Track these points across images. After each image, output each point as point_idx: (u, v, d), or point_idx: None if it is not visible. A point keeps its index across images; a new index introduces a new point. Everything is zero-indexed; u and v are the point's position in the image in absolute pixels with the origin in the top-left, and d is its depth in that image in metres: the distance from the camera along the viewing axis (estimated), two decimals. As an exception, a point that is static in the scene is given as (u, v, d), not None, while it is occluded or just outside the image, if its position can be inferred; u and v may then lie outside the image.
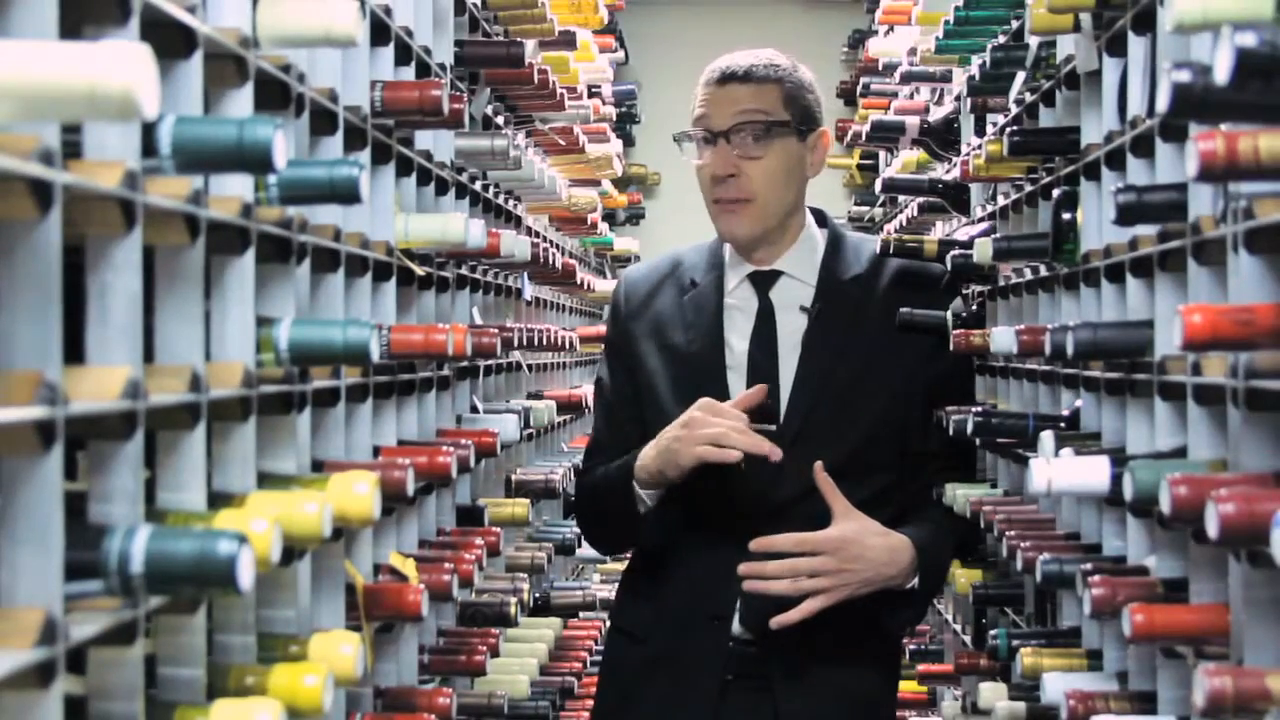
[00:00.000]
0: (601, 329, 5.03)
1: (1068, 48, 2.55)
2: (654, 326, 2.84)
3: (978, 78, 3.05)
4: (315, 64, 2.16)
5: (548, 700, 3.15)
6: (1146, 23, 2.18)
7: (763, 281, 2.80)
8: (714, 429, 2.58)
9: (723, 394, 2.73)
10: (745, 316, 2.79)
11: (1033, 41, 2.73)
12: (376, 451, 2.44)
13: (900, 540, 2.65)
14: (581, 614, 4.00)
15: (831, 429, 2.72)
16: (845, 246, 2.85)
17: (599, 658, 3.99)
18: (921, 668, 4.12)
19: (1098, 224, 2.41)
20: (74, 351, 1.51)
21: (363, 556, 2.35)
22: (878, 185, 4.45)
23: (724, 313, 2.79)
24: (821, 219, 2.88)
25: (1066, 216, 2.49)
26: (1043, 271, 2.72)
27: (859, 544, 2.59)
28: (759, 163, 2.72)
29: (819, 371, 2.73)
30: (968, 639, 3.64)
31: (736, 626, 2.72)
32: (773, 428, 2.72)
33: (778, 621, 2.58)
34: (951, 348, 2.73)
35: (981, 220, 3.39)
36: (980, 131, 3.42)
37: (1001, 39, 3.06)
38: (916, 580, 2.68)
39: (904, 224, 5.06)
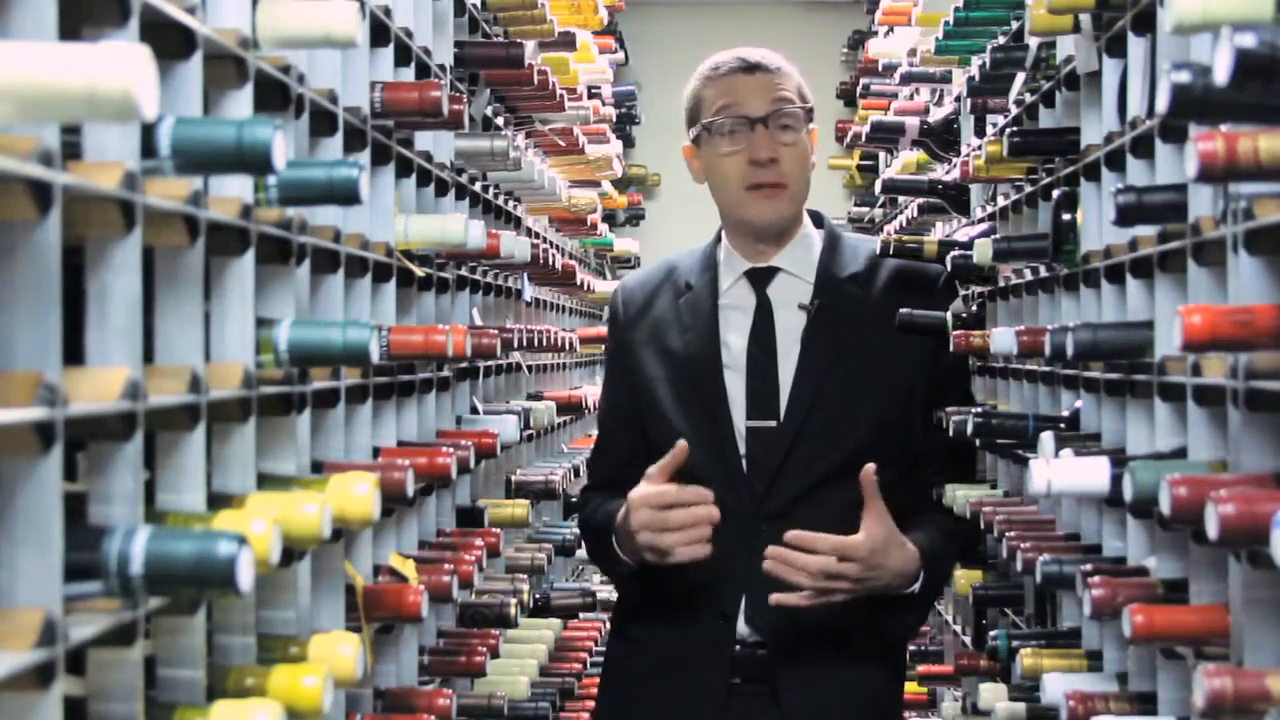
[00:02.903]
0: (601, 330, 5.05)
1: (1067, 48, 2.55)
2: (652, 332, 2.83)
3: (978, 78, 3.05)
4: (315, 65, 2.16)
5: (547, 701, 3.15)
6: (1146, 23, 2.18)
7: (760, 278, 2.79)
8: (669, 539, 2.56)
9: (721, 394, 2.73)
10: (742, 315, 2.79)
11: (1032, 42, 2.73)
12: (376, 452, 2.44)
13: (914, 552, 2.64)
14: (581, 615, 4.00)
15: (832, 427, 2.72)
16: (843, 246, 2.85)
17: (599, 659, 3.99)
18: (921, 668, 4.12)
19: (1097, 225, 2.41)
20: (74, 352, 1.51)
21: (362, 557, 2.35)
22: (878, 186, 4.45)
23: (719, 313, 2.79)
24: (818, 219, 2.88)
25: (1066, 217, 2.49)
26: (1043, 272, 2.72)
27: (885, 554, 2.57)
28: (793, 149, 2.75)
29: (819, 368, 2.73)
30: (968, 640, 3.64)
31: (742, 627, 2.71)
32: (773, 424, 2.72)
33: (777, 599, 2.56)
34: (952, 348, 2.73)
35: (981, 221, 3.39)
36: (980, 132, 3.42)
37: (1001, 40, 3.06)
38: (917, 586, 2.67)
39: (904, 225, 5.06)
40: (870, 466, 2.58)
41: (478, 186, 3.33)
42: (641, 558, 2.63)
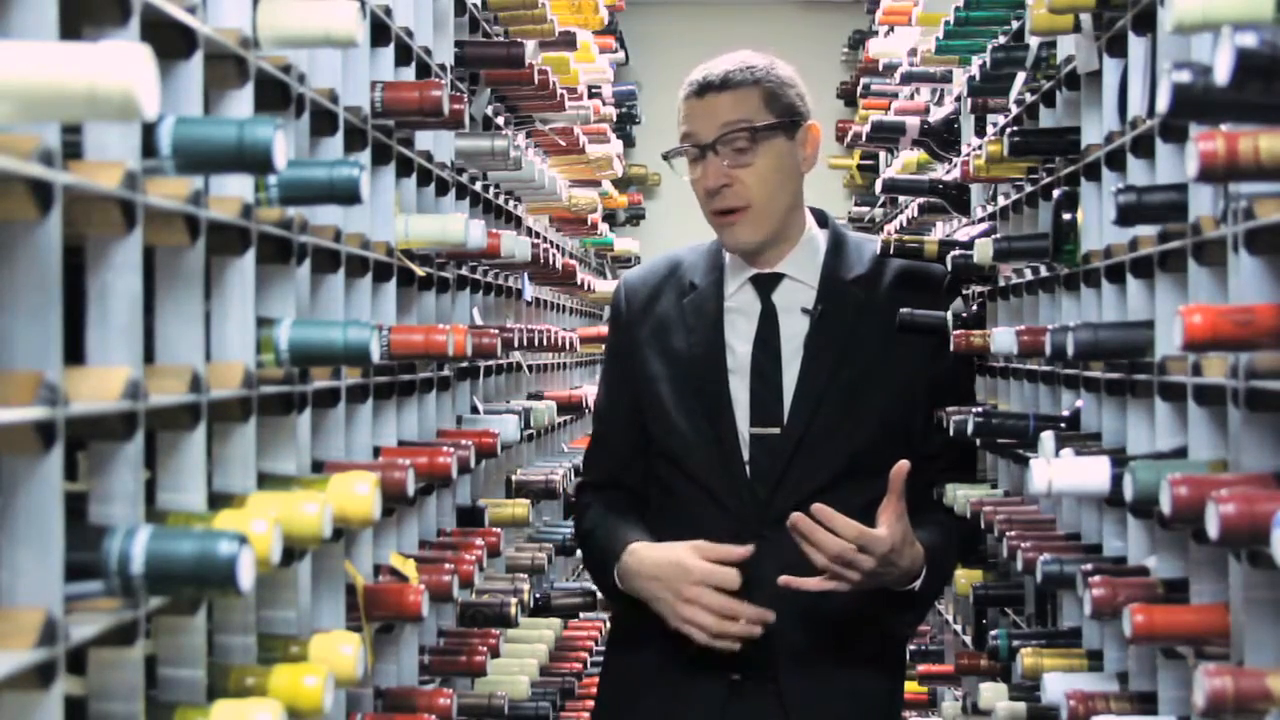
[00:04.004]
0: (602, 330, 5.05)
1: (1068, 48, 2.55)
2: (655, 330, 2.83)
3: (978, 78, 3.05)
4: (315, 64, 2.16)
5: (548, 701, 3.15)
6: (1146, 23, 2.18)
7: (765, 284, 2.79)
8: (699, 617, 2.61)
9: (724, 398, 2.72)
10: (746, 319, 2.78)
11: (1033, 42, 2.73)
12: (377, 452, 2.44)
13: (921, 551, 2.64)
14: (582, 614, 4.00)
15: (835, 432, 2.71)
16: (847, 247, 2.84)
17: (599, 659, 3.98)
18: (922, 668, 4.12)
19: (1098, 224, 2.41)
20: (74, 352, 1.51)
21: (363, 557, 2.35)
22: (878, 186, 4.45)
23: (724, 316, 2.78)
24: (823, 219, 2.87)
25: (1067, 217, 2.49)
26: (1043, 272, 2.72)
27: (898, 552, 2.57)
28: (750, 169, 2.71)
29: (822, 374, 2.72)
30: (968, 639, 3.64)
31: None
32: (776, 431, 2.72)
33: (785, 581, 2.56)
34: (952, 348, 2.73)
35: (982, 221, 3.39)
36: (980, 132, 3.42)
37: (1002, 39, 3.06)
38: (918, 584, 2.67)
39: (904, 225, 5.06)
40: (903, 464, 2.57)
41: (478, 186, 3.33)
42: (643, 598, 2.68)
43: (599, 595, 3.89)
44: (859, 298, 2.79)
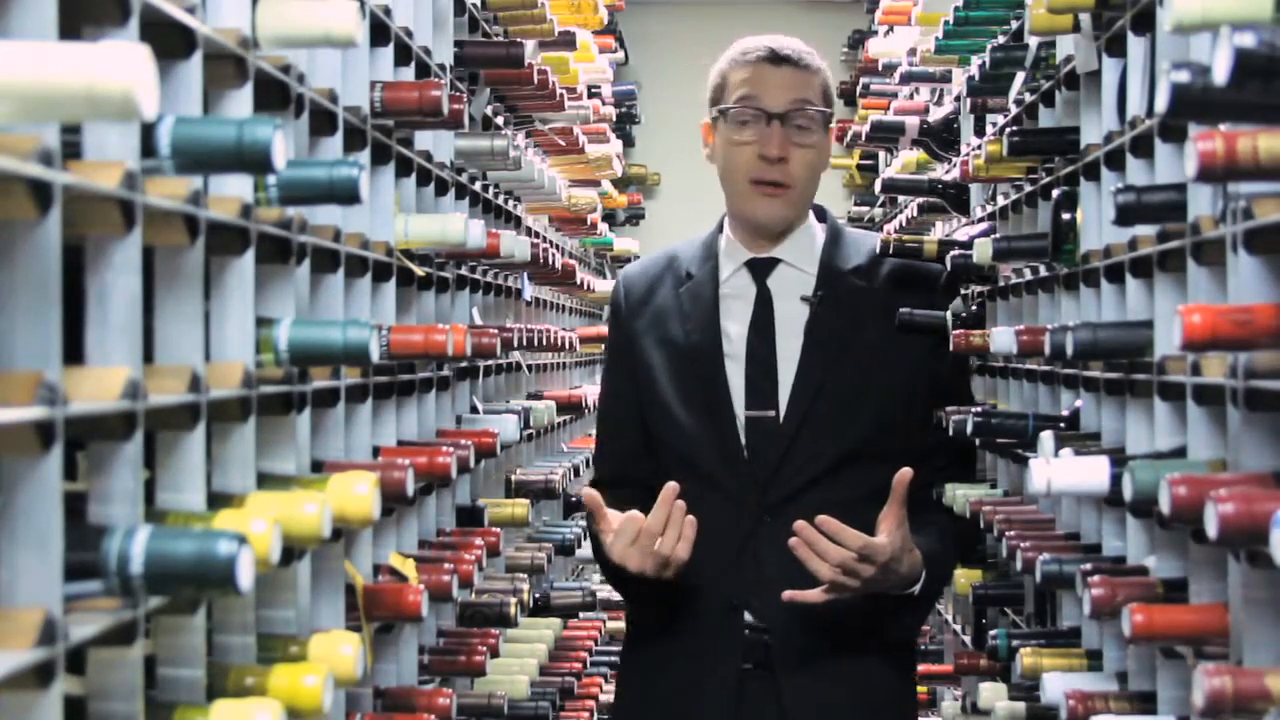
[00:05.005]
0: (602, 329, 5.05)
1: (1067, 48, 2.55)
2: (653, 322, 2.82)
3: (977, 78, 3.06)
4: (315, 64, 2.16)
5: (547, 700, 3.15)
6: (1146, 23, 2.18)
7: (760, 269, 2.79)
8: (655, 559, 2.56)
9: (722, 383, 2.72)
10: (743, 304, 2.78)
11: (1032, 42, 2.74)
12: (376, 452, 2.44)
13: (919, 557, 2.64)
14: (581, 614, 4.00)
15: (835, 420, 2.71)
16: (845, 240, 2.84)
17: (599, 658, 3.99)
18: (921, 668, 4.11)
19: (1097, 224, 2.41)
20: (74, 352, 1.51)
21: (362, 557, 2.35)
22: (878, 185, 4.45)
23: (720, 302, 2.79)
24: (821, 213, 2.88)
25: (1066, 217, 2.50)
26: (1042, 272, 2.72)
27: (898, 560, 2.57)
28: (806, 151, 2.73)
29: (824, 360, 2.72)
30: (968, 639, 3.65)
31: (749, 616, 2.70)
32: (771, 414, 2.71)
33: (790, 596, 2.56)
34: (951, 348, 2.73)
35: (981, 220, 3.39)
36: (980, 132, 3.42)
37: (1001, 39, 3.07)
38: (917, 588, 2.67)
39: (904, 224, 5.06)
40: (906, 471, 2.56)
41: (478, 186, 3.33)
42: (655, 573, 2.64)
43: (598, 595, 3.90)
44: (859, 289, 2.78)
